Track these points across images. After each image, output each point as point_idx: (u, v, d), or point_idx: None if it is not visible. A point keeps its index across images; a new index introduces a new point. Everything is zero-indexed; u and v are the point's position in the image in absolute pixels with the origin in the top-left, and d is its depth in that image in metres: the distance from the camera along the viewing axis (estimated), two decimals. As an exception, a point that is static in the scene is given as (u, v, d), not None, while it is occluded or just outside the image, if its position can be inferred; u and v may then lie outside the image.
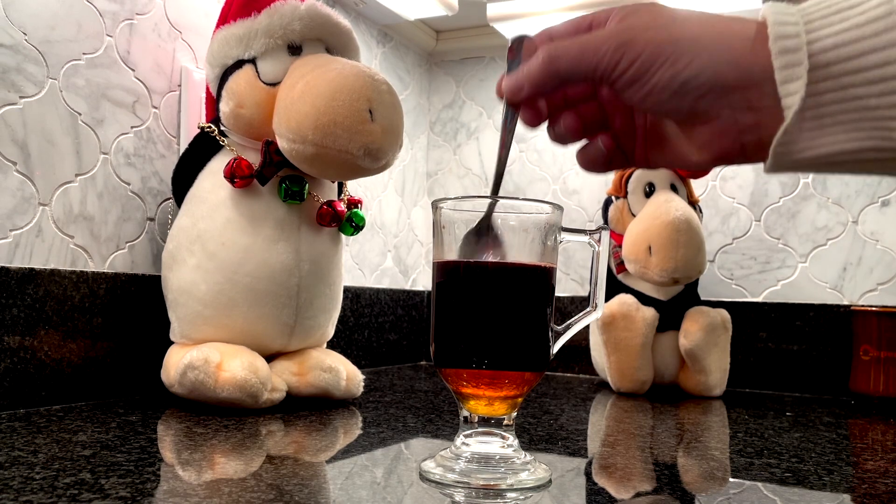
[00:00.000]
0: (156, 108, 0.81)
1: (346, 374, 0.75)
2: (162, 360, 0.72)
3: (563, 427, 0.69)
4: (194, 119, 0.83)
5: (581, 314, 0.49)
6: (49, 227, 0.70)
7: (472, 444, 0.47)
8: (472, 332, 0.46)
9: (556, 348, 0.49)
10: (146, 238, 0.79)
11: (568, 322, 0.49)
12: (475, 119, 1.35)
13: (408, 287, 1.30)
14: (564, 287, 1.26)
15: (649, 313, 0.96)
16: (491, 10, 1.16)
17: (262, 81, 0.70)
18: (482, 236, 0.46)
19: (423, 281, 1.34)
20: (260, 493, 0.41)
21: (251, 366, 0.66)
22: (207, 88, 0.76)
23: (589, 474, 0.52)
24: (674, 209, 0.93)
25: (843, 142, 0.36)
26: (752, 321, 1.11)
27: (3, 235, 0.66)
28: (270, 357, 0.73)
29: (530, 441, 0.60)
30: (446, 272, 0.47)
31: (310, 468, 0.49)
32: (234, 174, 0.69)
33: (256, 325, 0.71)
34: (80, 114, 0.72)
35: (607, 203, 1.07)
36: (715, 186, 1.16)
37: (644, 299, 0.98)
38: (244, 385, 0.65)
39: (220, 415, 0.65)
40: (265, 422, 0.63)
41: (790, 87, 0.36)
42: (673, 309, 0.98)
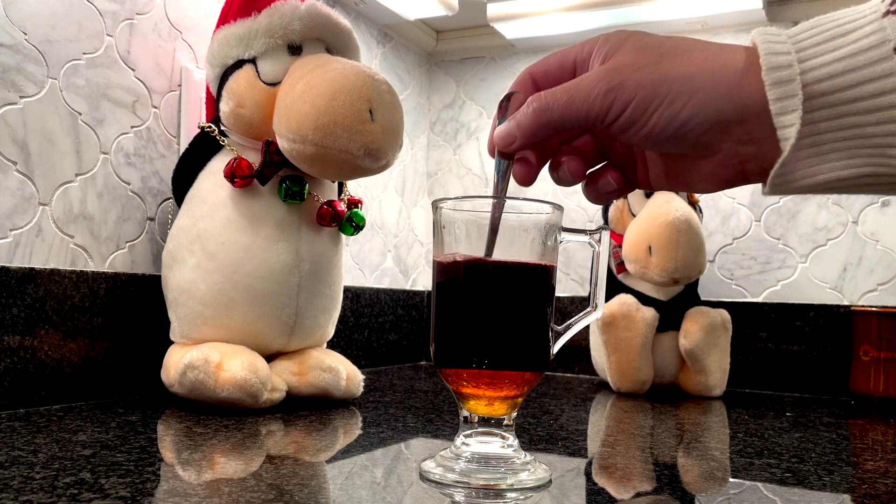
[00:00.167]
0: (156, 107, 0.81)
1: (346, 373, 0.75)
2: (162, 359, 0.72)
3: (563, 427, 0.69)
4: (194, 119, 0.83)
5: (581, 314, 0.49)
6: (49, 227, 0.70)
7: (472, 444, 0.47)
8: (472, 332, 0.46)
9: (556, 348, 0.48)
10: (146, 238, 0.79)
11: (568, 322, 0.49)
12: (475, 119, 1.35)
13: (408, 287, 1.30)
14: (564, 287, 1.26)
15: (649, 313, 0.96)
16: (491, 10, 1.16)
17: (263, 81, 0.70)
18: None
19: (423, 281, 1.34)
20: (260, 492, 0.41)
21: (251, 366, 0.66)
22: (207, 88, 0.76)
23: (589, 474, 0.52)
24: (674, 209, 0.93)
25: (840, 168, 0.35)
26: (752, 321, 1.11)
27: (3, 235, 0.66)
28: (270, 357, 0.73)
29: (530, 441, 0.60)
30: (446, 272, 0.47)
31: (310, 468, 0.49)
32: (235, 174, 0.69)
33: (256, 325, 0.71)
34: (80, 113, 0.72)
35: (607, 203, 1.07)
36: (715, 186, 1.16)
37: (644, 299, 0.98)
38: (244, 385, 0.65)
39: (220, 415, 0.65)
40: (265, 422, 0.63)
41: (785, 119, 0.35)
42: (673, 309, 0.98)
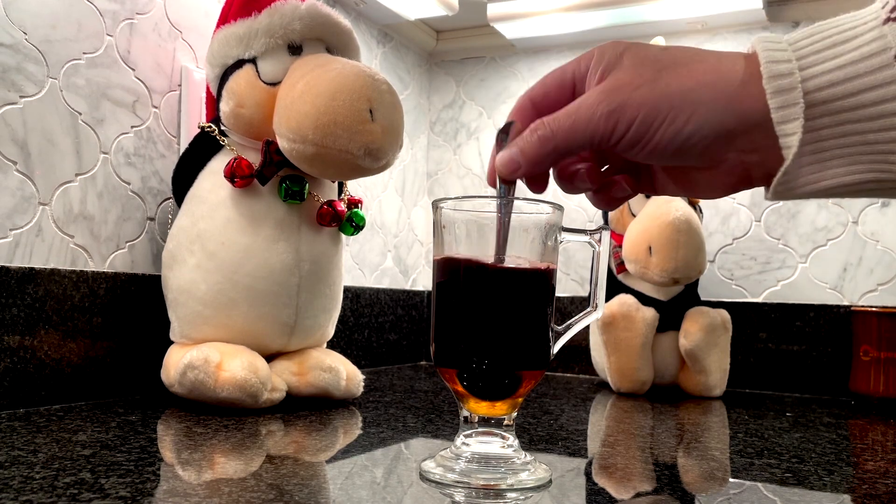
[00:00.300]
0: (156, 107, 0.81)
1: (346, 373, 0.75)
2: (162, 359, 0.72)
3: (563, 427, 0.69)
4: (194, 119, 0.83)
5: (581, 314, 0.49)
6: (49, 227, 0.69)
7: (472, 444, 0.47)
8: (472, 332, 0.46)
9: (556, 348, 0.48)
10: (146, 238, 0.79)
11: (568, 322, 0.49)
12: (475, 119, 1.35)
13: (408, 287, 1.30)
14: (565, 287, 1.26)
15: (649, 313, 0.96)
16: (491, 10, 1.16)
17: (263, 81, 0.70)
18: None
19: (423, 281, 1.34)
20: (260, 492, 0.41)
21: (251, 365, 0.66)
22: (208, 88, 0.76)
23: (589, 474, 0.52)
24: (674, 209, 0.93)
25: (842, 175, 0.36)
26: (752, 321, 1.11)
27: (3, 235, 0.66)
28: (270, 357, 0.73)
29: (530, 441, 0.60)
30: (446, 272, 0.47)
31: (310, 468, 0.49)
32: (235, 174, 0.69)
33: (256, 325, 0.71)
34: (80, 113, 0.72)
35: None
36: (715, 187, 1.16)
37: (644, 299, 0.98)
38: (244, 385, 0.65)
39: (220, 414, 0.65)
40: (265, 422, 0.63)
41: (787, 127, 0.35)
42: (673, 309, 0.98)
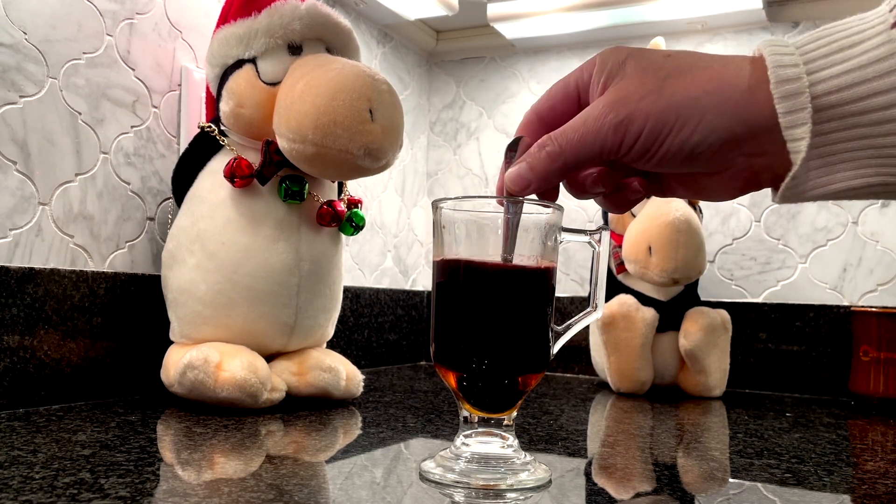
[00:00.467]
0: (156, 107, 0.81)
1: (346, 373, 0.75)
2: (162, 359, 0.72)
3: (562, 427, 0.69)
4: (194, 119, 0.83)
5: (581, 314, 0.49)
6: (49, 227, 0.69)
7: (471, 444, 0.47)
8: (472, 333, 0.46)
9: (556, 349, 0.48)
10: (146, 238, 0.79)
11: (568, 322, 0.49)
12: (475, 119, 1.35)
13: (408, 287, 1.30)
14: (564, 287, 1.26)
15: (649, 314, 0.96)
16: (491, 10, 1.16)
17: (263, 81, 0.70)
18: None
19: (423, 281, 1.34)
20: (259, 492, 0.41)
21: (251, 365, 0.66)
22: (207, 88, 0.76)
23: (589, 475, 0.52)
24: (674, 210, 0.93)
25: (850, 179, 0.36)
26: (752, 322, 1.11)
27: (2, 235, 0.66)
28: (270, 357, 0.73)
29: (530, 441, 0.60)
30: (446, 272, 0.47)
31: (309, 468, 0.49)
32: (234, 174, 0.69)
33: (256, 325, 0.71)
34: (80, 113, 0.72)
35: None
36: (715, 187, 1.16)
37: (644, 300, 0.98)
38: (244, 385, 0.65)
39: (220, 414, 0.65)
40: (265, 422, 0.63)
41: (795, 132, 0.36)
42: (673, 309, 0.98)
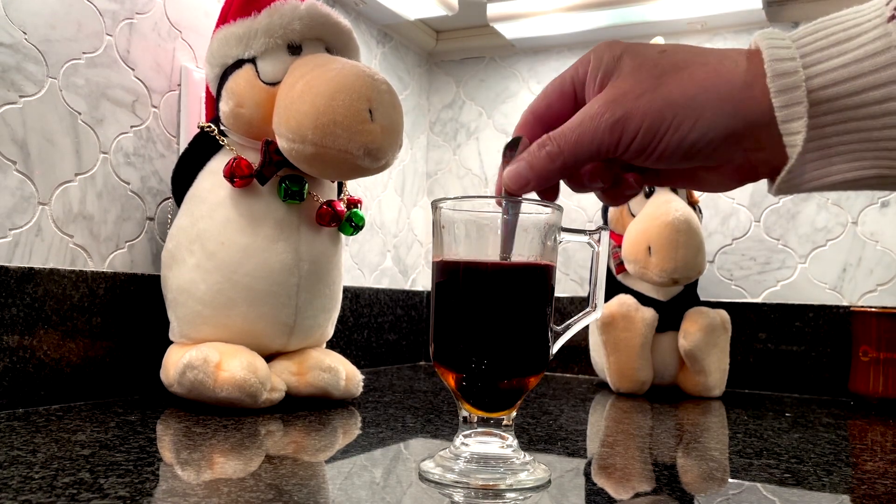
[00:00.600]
0: (155, 107, 0.81)
1: (346, 373, 0.75)
2: (161, 359, 0.72)
3: (562, 427, 0.69)
4: (194, 118, 0.83)
5: (580, 314, 0.49)
6: (48, 227, 0.69)
7: (471, 444, 0.47)
8: (472, 333, 0.46)
9: (555, 349, 0.48)
10: (146, 237, 0.79)
11: (567, 322, 0.49)
12: (475, 119, 1.35)
13: (407, 287, 1.30)
14: (564, 287, 1.26)
15: (649, 314, 0.96)
16: (491, 10, 1.16)
17: (262, 81, 0.70)
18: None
19: (422, 281, 1.34)
20: (259, 492, 0.41)
21: (250, 365, 0.66)
22: (207, 88, 0.76)
23: (588, 475, 0.52)
24: (673, 210, 0.93)
25: (846, 171, 0.36)
26: (752, 322, 1.11)
27: (2, 234, 0.66)
28: (270, 357, 0.73)
29: (529, 441, 0.60)
30: (445, 272, 0.47)
31: (309, 468, 0.49)
32: (234, 174, 0.69)
33: (256, 325, 0.71)
34: (79, 113, 0.72)
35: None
36: (715, 187, 1.16)
37: (643, 300, 0.98)
38: (243, 385, 0.65)
39: (220, 414, 0.65)
40: (264, 422, 0.63)
41: (792, 125, 0.36)
42: (672, 309, 0.98)
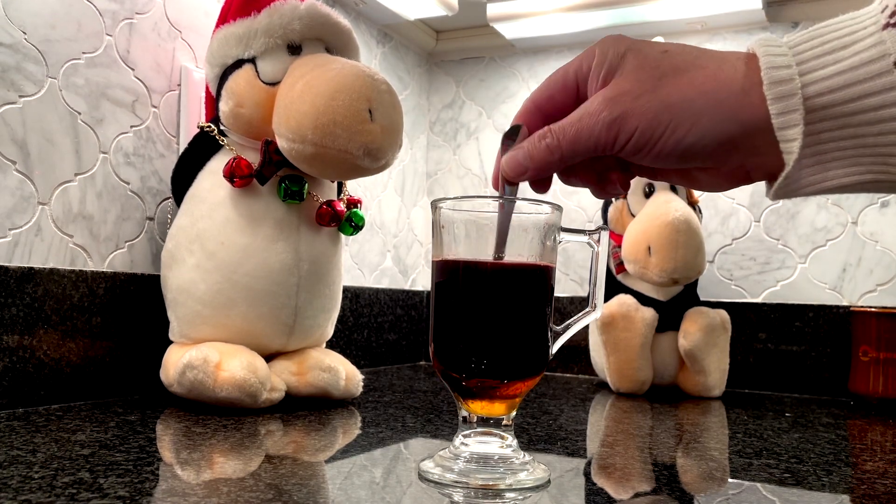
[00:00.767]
0: (155, 107, 0.81)
1: (346, 373, 0.75)
2: (161, 359, 0.72)
3: (562, 427, 0.69)
4: (194, 118, 0.83)
5: (580, 314, 0.49)
6: (48, 227, 0.69)
7: (470, 444, 0.47)
8: (471, 332, 0.46)
9: (555, 348, 0.48)
10: (145, 237, 0.79)
11: (567, 322, 0.49)
12: (475, 119, 1.35)
13: (407, 287, 1.30)
14: (564, 287, 1.26)
15: (649, 314, 0.96)
16: (491, 10, 1.16)
17: (262, 81, 0.70)
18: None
19: (422, 281, 1.34)
20: (259, 492, 0.41)
21: (250, 365, 0.66)
22: (207, 88, 0.76)
23: (588, 474, 0.52)
24: (673, 210, 0.93)
25: (842, 176, 0.36)
26: (752, 322, 1.11)
27: (2, 234, 0.66)
28: (269, 357, 0.73)
29: (529, 441, 0.60)
30: (445, 272, 0.47)
31: (309, 468, 0.49)
32: (234, 174, 0.69)
33: (255, 325, 0.71)
34: (79, 113, 0.72)
35: (607, 203, 1.07)
36: (714, 187, 1.16)
37: (643, 300, 0.98)
38: (243, 385, 0.65)
39: (219, 414, 0.65)
40: (264, 421, 0.63)
41: (788, 132, 0.36)
42: (672, 309, 0.98)
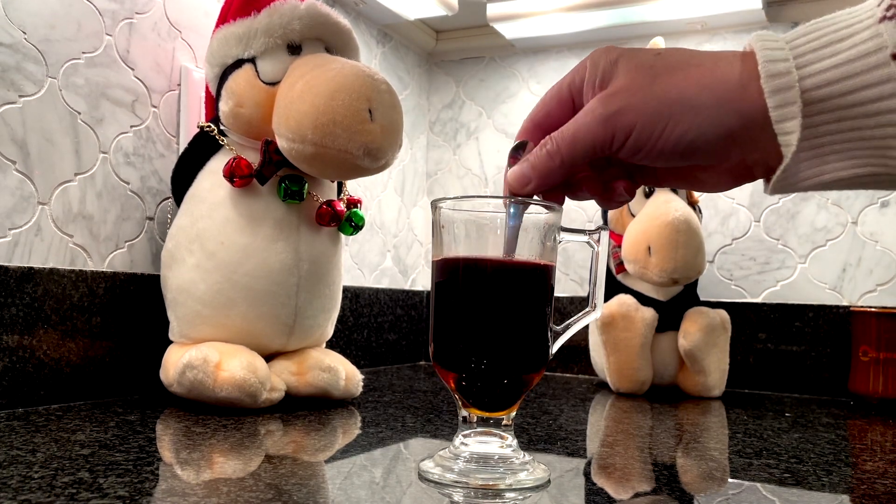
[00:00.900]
0: (155, 107, 0.81)
1: (345, 373, 0.75)
2: (161, 359, 0.72)
3: (562, 427, 0.69)
4: (194, 118, 0.83)
5: (580, 314, 0.49)
6: (48, 226, 0.69)
7: (470, 443, 0.47)
8: (471, 332, 0.46)
9: (555, 348, 0.48)
10: (145, 237, 0.79)
11: (567, 322, 0.49)
12: (475, 119, 1.35)
13: (407, 287, 1.30)
14: (564, 287, 1.26)
15: (648, 314, 0.96)
16: (491, 10, 1.16)
17: (262, 81, 0.70)
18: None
19: (422, 281, 1.34)
20: (258, 492, 0.41)
21: (250, 365, 0.66)
22: (207, 88, 0.76)
23: (588, 474, 0.52)
24: (673, 210, 0.93)
25: (840, 170, 0.36)
26: (752, 322, 1.11)
27: (2, 234, 0.66)
28: (269, 357, 0.73)
29: (529, 441, 0.60)
30: (445, 272, 0.47)
31: (308, 468, 0.49)
32: (234, 173, 0.69)
33: (255, 325, 0.71)
34: (79, 113, 0.72)
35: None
36: (714, 187, 1.16)
37: (643, 300, 0.98)
38: (243, 385, 0.65)
39: (219, 414, 0.65)
40: (264, 421, 0.63)
41: (786, 125, 0.36)
42: (672, 309, 0.98)
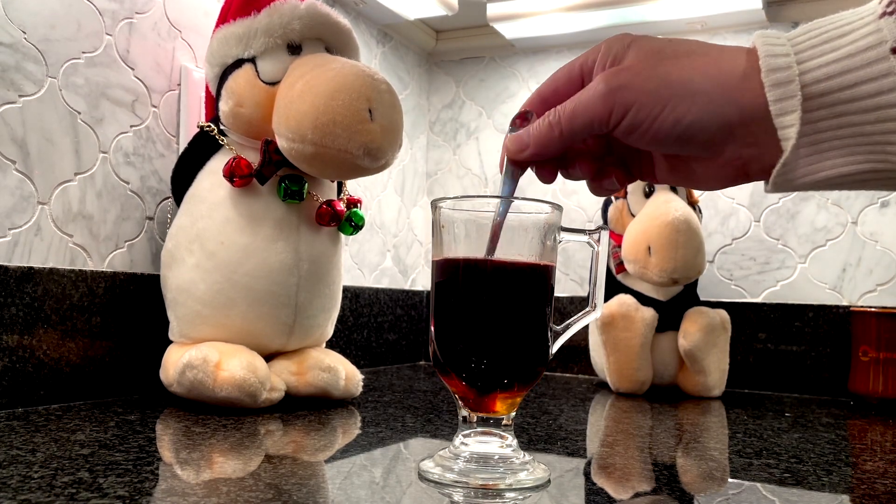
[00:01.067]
0: (155, 107, 0.81)
1: (345, 373, 0.75)
2: (161, 359, 0.72)
3: (561, 427, 0.69)
4: (194, 118, 0.83)
5: (580, 314, 0.49)
6: (48, 226, 0.69)
7: (470, 443, 0.47)
8: (471, 332, 0.46)
9: (555, 348, 0.48)
10: (145, 237, 0.79)
11: (567, 322, 0.49)
12: (475, 119, 1.35)
13: (407, 287, 1.30)
14: (564, 287, 1.26)
15: (648, 314, 0.96)
16: (491, 10, 1.16)
17: (262, 81, 0.70)
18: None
19: (422, 281, 1.34)
20: (258, 492, 0.41)
21: (250, 365, 0.66)
22: (207, 87, 0.76)
23: (588, 474, 0.52)
24: (673, 209, 0.93)
25: (840, 166, 0.36)
26: (752, 322, 1.11)
27: (1, 234, 0.66)
28: (269, 356, 0.73)
29: (529, 441, 0.60)
30: (445, 272, 0.47)
31: (308, 468, 0.49)
32: (234, 173, 0.69)
33: (255, 325, 0.71)
34: (79, 113, 0.72)
35: (607, 203, 1.07)
36: (714, 187, 1.16)
37: (643, 300, 0.98)
38: (243, 384, 0.65)
39: (219, 414, 0.65)
40: (264, 421, 0.63)
41: (785, 119, 0.36)
42: (672, 309, 0.98)
